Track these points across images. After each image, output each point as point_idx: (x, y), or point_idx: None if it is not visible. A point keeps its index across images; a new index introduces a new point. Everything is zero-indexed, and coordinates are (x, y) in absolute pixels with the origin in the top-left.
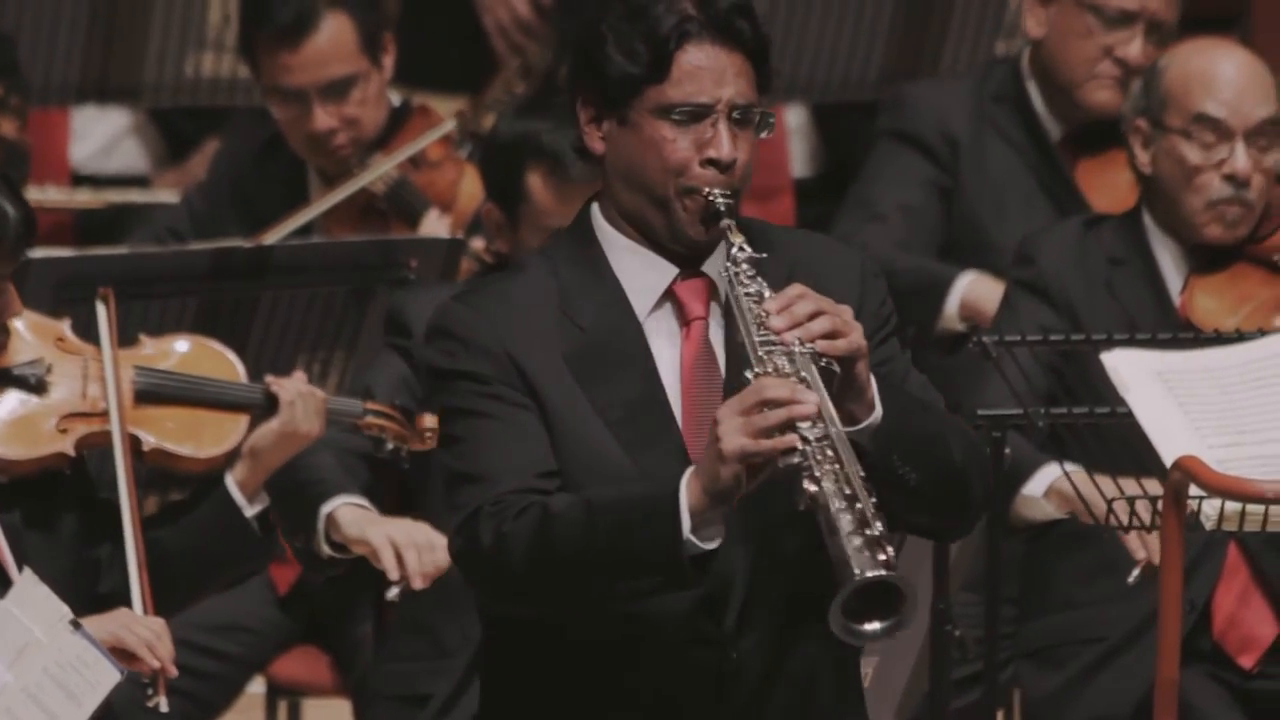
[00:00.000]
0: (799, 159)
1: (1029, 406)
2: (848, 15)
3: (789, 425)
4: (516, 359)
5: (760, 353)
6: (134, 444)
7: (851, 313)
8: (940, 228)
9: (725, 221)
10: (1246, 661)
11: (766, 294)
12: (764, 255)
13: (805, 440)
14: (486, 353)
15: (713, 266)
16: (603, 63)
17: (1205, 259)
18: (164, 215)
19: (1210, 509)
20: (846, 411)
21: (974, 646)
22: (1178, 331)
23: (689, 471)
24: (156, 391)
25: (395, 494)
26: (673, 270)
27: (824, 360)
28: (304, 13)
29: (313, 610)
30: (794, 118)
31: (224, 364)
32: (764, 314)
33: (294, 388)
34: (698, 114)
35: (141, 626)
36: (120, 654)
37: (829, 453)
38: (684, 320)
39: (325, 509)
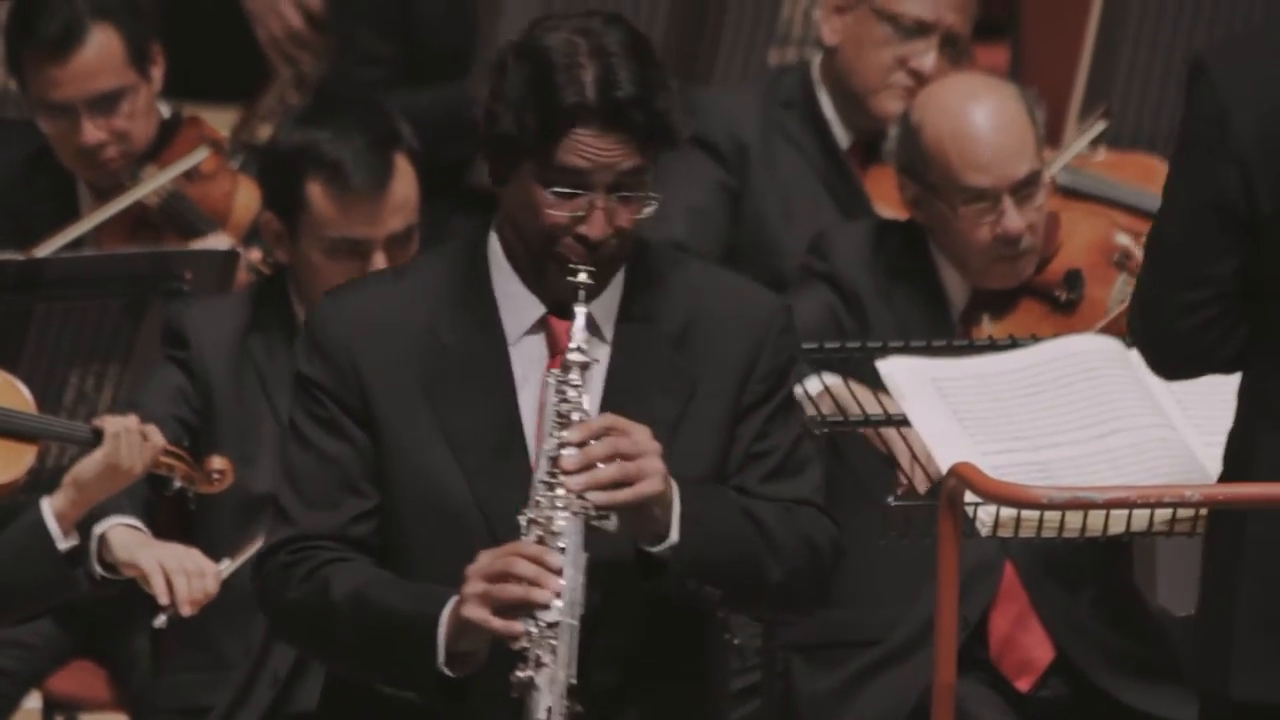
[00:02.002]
0: None
1: (805, 413)
2: None
3: (525, 607)
4: (362, 373)
5: (539, 494)
6: None
7: (658, 454)
8: (725, 230)
9: (580, 308)
10: (1023, 685)
11: (579, 411)
12: (596, 360)
13: (537, 624)
14: (332, 362)
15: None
16: (493, 118)
17: (988, 294)
18: None
19: (986, 515)
20: (637, 535)
21: (752, 655)
22: (952, 340)
23: (453, 599)
24: None
25: (178, 521)
26: (547, 303)
27: (599, 515)
28: (70, 26)
29: (89, 624)
30: None
31: (12, 392)
32: (559, 444)
33: (120, 423)
34: (574, 193)
35: None
36: None
37: (552, 644)
38: (554, 350)
39: (98, 529)
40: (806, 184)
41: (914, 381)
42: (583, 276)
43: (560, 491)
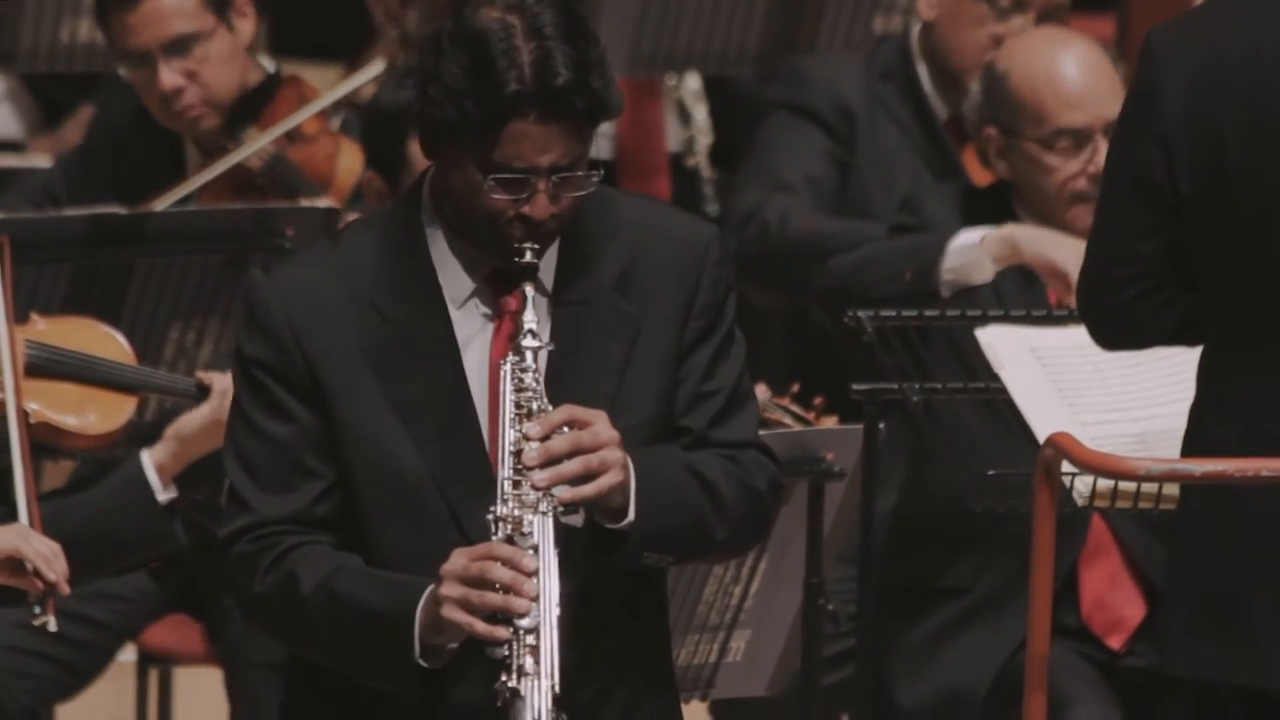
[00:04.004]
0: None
1: (904, 381)
2: None
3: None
4: (305, 349)
5: (505, 490)
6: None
7: (617, 443)
8: (835, 200)
9: (529, 288)
10: (1115, 643)
11: (538, 400)
12: (552, 346)
13: (516, 630)
14: (276, 340)
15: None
16: (431, 102)
17: None
18: (38, 178)
19: (1083, 486)
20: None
21: (847, 621)
22: (1051, 309)
23: (427, 594)
24: (46, 366)
25: None
26: (487, 266)
27: (565, 510)
28: None
29: (185, 578)
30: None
31: (113, 344)
32: (522, 437)
33: (227, 380)
34: (516, 178)
35: (38, 541)
36: (11, 567)
37: (530, 642)
38: (498, 312)
39: None
40: (905, 157)
41: (1011, 350)
42: (529, 257)
43: (526, 488)
